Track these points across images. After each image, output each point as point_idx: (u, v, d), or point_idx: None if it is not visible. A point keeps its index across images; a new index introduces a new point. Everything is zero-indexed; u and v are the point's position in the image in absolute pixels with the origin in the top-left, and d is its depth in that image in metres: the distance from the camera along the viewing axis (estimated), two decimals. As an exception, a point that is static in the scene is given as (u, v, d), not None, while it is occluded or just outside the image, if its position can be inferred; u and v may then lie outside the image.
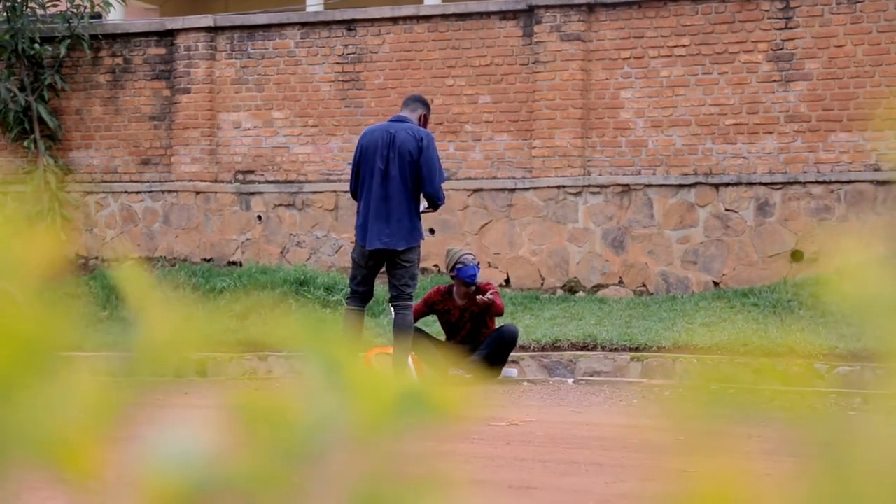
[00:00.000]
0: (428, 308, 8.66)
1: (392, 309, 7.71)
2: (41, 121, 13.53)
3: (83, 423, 0.61)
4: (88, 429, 0.61)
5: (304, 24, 12.94)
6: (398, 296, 7.60)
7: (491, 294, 8.41)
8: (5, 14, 13.47)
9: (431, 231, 12.24)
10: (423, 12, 12.50)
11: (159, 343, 0.65)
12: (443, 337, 8.85)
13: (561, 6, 11.85)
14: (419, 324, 8.65)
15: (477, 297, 8.45)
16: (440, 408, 0.63)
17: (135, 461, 0.64)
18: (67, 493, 0.63)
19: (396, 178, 7.60)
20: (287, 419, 0.63)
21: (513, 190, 12.08)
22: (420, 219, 7.72)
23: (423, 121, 7.89)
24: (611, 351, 9.19)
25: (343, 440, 0.64)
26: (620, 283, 11.72)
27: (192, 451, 0.62)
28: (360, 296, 7.74)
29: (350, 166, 8.52)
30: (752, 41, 11.33)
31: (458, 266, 8.60)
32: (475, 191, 12.21)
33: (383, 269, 7.81)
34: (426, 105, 7.95)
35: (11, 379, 0.62)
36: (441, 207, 7.97)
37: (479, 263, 8.60)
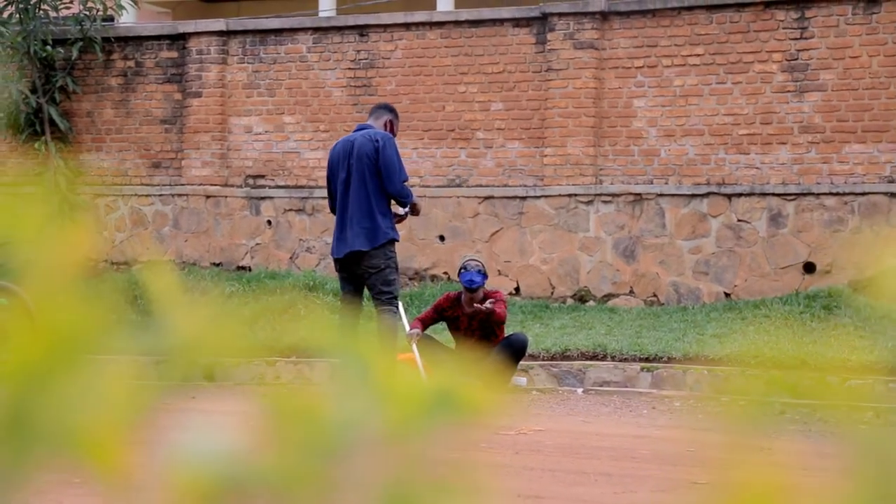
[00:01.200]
0: (438, 314, 8.66)
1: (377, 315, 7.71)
2: (52, 123, 13.59)
3: (112, 421, 0.62)
4: (117, 427, 0.62)
5: (316, 30, 12.98)
6: (377, 303, 7.64)
7: (491, 302, 8.40)
8: (18, 16, 13.54)
9: (441, 238, 12.26)
10: (435, 19, 12.53)
11: (190, 344, 0.67)
12: (452, 345, 8.86)
13: (574, 14, 11.86)
14: (429, 331, 8.66)
15: (475, 304, 8.45)
16: (470, 409, 0.65)
17: (163, 460, 0.65)
18: (97, 490, 0.65)
19: (356, 183, 7.65)
20: (317, 418, 0.64)
21: (524, 198, 12.09)
22: (388, 219, 7.66)
23: (390, 127, 7.91)
24: (621, 361, 9.18)
25: (372, 440, 0.65)
26: (631, 292, 11.71)
27: (221, 450, 0.64)
28: (349, 297, 7.75)
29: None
30: (767, 51, 11.33)
31: (461, 271, 8.64)
32: (486, 198, 12.22)
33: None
34: (392, 111, 7.99)
35: (44, 374, 0.63)
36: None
37: (482, 270, 8.58)
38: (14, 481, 0.62)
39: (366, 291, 7.77)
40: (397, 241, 7.74)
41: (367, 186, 7.62)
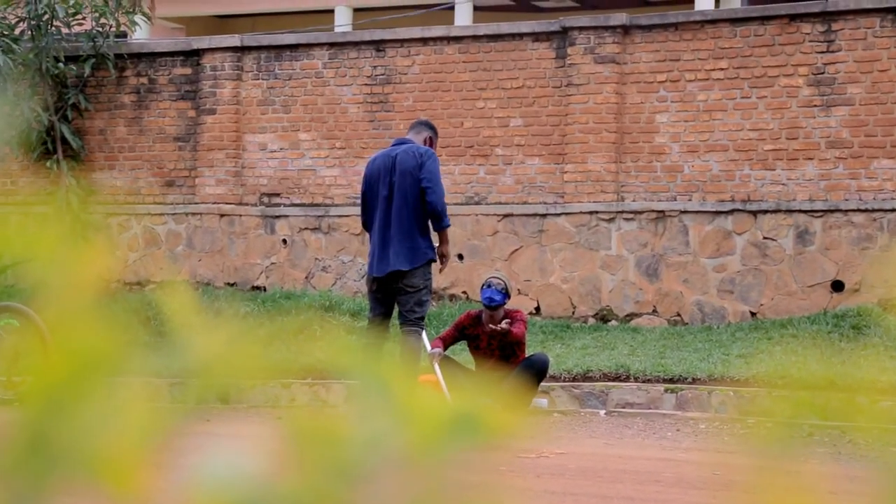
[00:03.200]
0: (459, 332, 8.66)
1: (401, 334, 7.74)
2: (64, 141, 13.68)
3: (129, 443, 0.63)
4: (135, 449, 0.63)
5: (332, 45, 13.04)
6: (403, 321, 7.67)
7: (507, 322, 8.39)
8: (29, 32, 13.66)
9: (460, 257, 12.26)
10: (453, 33, 12.57)
11: (209, 365, 0.67)
12: (472, 365, 8.85)
13: (595, 28, 11.88)
14: (448, 351, 8.65)
15: (490, 325, 8.44)
16: (491, 431, 0.65)
17: (182, 482, 0.66)
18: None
19: (399, 200, 7.69)
20: (337, 439, 0.65)
21: (544, 215, 12.08)
22: (427, 238, 7.72)
23: (430, 143, 7.96)
24: (644, 382, 9.15)
25: (393, 462, 0.65)
26: (654, 312, 11.67)
27: (241, 472, 0.64)
28: (378, 319, 7.81)
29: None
30: (793, 65, 11.31)
31: (483, 288, 8.65)
32: (505, 216, 12.22)
33: None
34: (433, 129, 8.05)
35: (59, 396, 0.64)
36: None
37: (505, 289, 8.57)
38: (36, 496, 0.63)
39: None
40: (434, 261, 7.77)
41: (409, 204, 7.65)
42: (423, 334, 8.04)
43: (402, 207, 7.66)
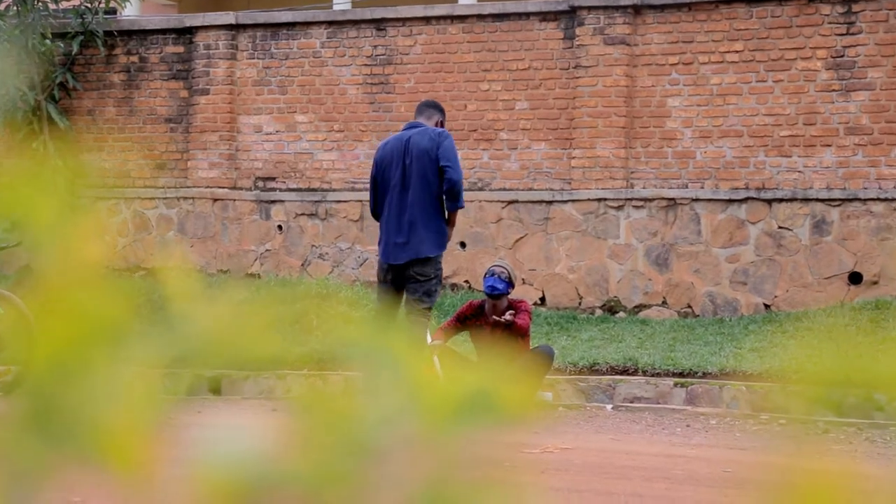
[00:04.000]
0: (460, 323, 8.67)
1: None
2: (51, 121, 13.68)
3: (134, 416, 0.64)
4: (139, 423, 0.64)
5: (330, 23, 13.02)
6: (410, 310, 7.70)
7: (511, 314, 8.40)
8: (15, 8, 13.64)
9: (462, 245, 12.26)
10: (457, 12, 12.55)
11: (210, 347, 0.68)
12: (474, 357, 8.86)
13: (605, 7, 11.86)
14: (450, 342, 8.66)
15: (493, 315, 8.46)
16: (503, 409, 0.66)
17: (188, 459, 0.67)
18: (117, 488, 0.66)
19: (415, 184, 7.72)
20: (349, 417, 0.66)
21: (550, 202, 12.08)
22: (446, 225, 7.78)
23: (440, 126, 7.97)
24: (653, 376, 9.16)
25: (406, 439, 0.67)
26: (664, 303, 11.68)
27: (249, 449, 0.65)
28: (386, 310, 7.85)
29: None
30: (811, 47, 11.29)
31: (485, 276, 8.67)
32: (510, 203, 12.22)
33: None
34: (441, 110, 8.10)
35: (50, 387, 0.64)
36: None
37: (508, 277, 8.59)
38: (33, 481, 0.64)
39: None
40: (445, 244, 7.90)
41: (428, 187, 7.66)
42: (428, 333, 8.08)
43: (422, 191, 7.67)
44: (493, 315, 8.56)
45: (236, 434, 0.67)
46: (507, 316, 8.39)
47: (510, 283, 8.63)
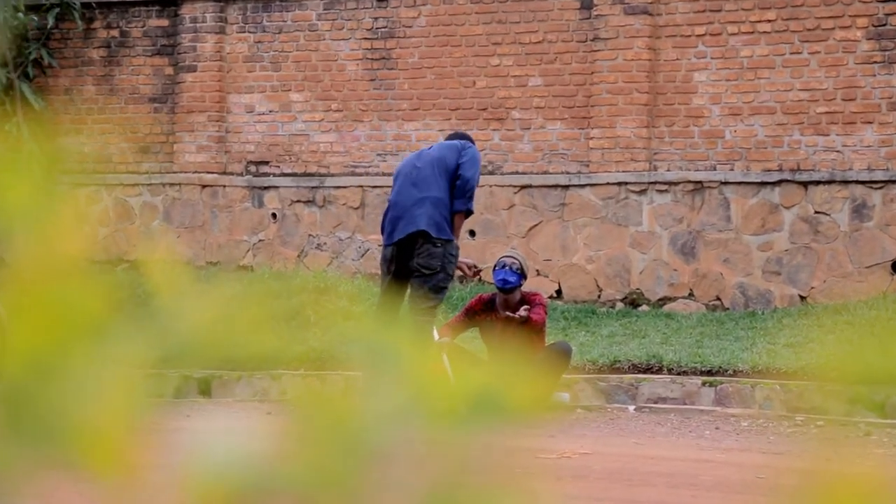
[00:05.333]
0: (469, 318, 8.68)
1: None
2: (25, 101, 13.70)
3: (115, 417, 0.64)
4: (120, 423, 0.64)
5: (327, -7, 13.02)
6: (414, 307, 7.78)
7: (526, 309, 8.40)
8: (-13, -21, 13.66)
9: (472, 233, 12.26)
10: (464, -20, 12.54)
11: (201, 332, 0.69)
12: (484, 355, 8.86)
13: (625, -26, 11.84)
14: (459, 339, 8.67)
15: (505, 311, 8.46)
16: (516, 410, 0.67)
17: (177, 462, 0.67)
18: (99, 490, 0.67)
19: (427, 168, 8.06)
20: (347, 417, 0.66)
21: (566, 187, 12.08)
22: (452, 221, 7.98)
23: None
24: (679, 374, 9.16)
25: (408, 441, 0.67)
26: (690, 295, 11.68)
27: (241, 451, 0.66)
28: (388, 306, 7.91)
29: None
30: (850, 16, 11.26)
31: (495, 269, 8.67)
32: (523, 187, 12.22)
33: None
34: (471, 141, 8.48)
35: (43, 365, 0.65)
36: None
37: (520, 269, 8.60)
38: (13, 481, 0.65)
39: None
40: (458, 249, 8.05)
41: (439, 174, 8.08)
42: (434, 331, 8.12)
43: (437, 178, 7.98)
44: (504, 310, 8.56)
45: (227, 436, 0.67)
46: (522, 312, 8.38)
47: (522, 275, 8.63)
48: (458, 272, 8.50)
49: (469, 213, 8.19)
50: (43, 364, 0.66)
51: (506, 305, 8.59)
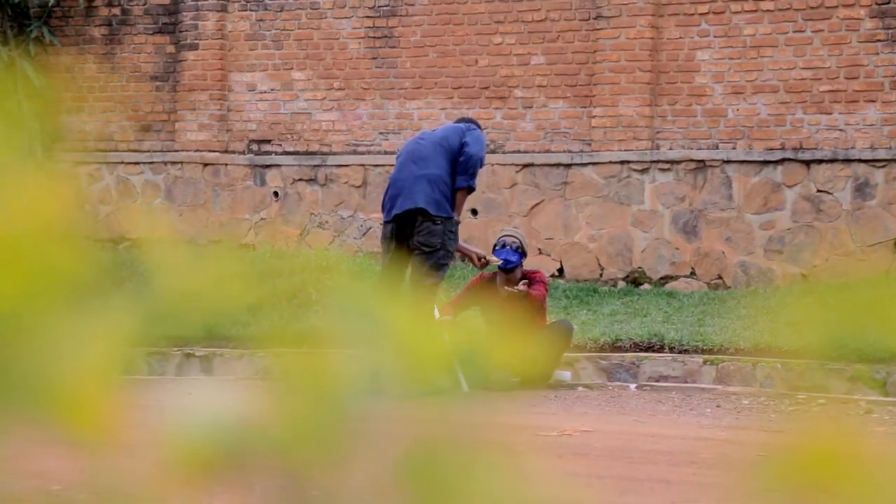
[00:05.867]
0: (470, 296, 8.69)
1: None
2: (26, 79, 13.67)
3: (95, 376, 0.64)
4: (101, 383, 0.64)
5: (329, -29, 12.98)
6: (415, 286, 7.81)
7: (524, 283, 8.43)
8: (-12, -43, 13.61)
9: (474, 212, 12.26)
10: (467, -43, 12.49)
11: (182, 288, 0.69)
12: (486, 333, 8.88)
13: (628, -49, 11.80)
14: (461, 318, 8.68)
15: (505, 286, 8.48)
16: (493, 367, 0.67)
17: (157, 424, 0.67)
18: (77, 450, 0.67)
19: (429, 147, 8.12)
20: (327, 378, 0.67)
21: (569, 165, 12.06)
22: (453, 198, 8.02)
23: None
24: (680, 353, 9.17)
25: (386, 401, 0.68)
26: (692, 274, 11.68)
27: (222, 414, 0.66)
28: (389, 280, 7.97)
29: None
30: (852, -7, 11.22)
31: (495, 248, 8.69)
32: (525, 166, 12.20)
33: None
34: (479, 127, 8.52)
35: (22, 318, 0.65)
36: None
37: (520, 247, 8.61)
38: None
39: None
40: (458, 225, 8.10)
41: (445, 157, 8.02)
42: (436, 311, 8.14)
43: (439, 157, 8.05)
44: (505, 287, 8.58)
45: (210, 400, 0.68)
46: (521, 286, 8.40)
47: (523, 253, 8.65)
48: (462, 255, 8.54)
49: (471, 189, 8.22)
50: (17, 323, 0.66)
51: (507, 283, 8.61)
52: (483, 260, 8.57)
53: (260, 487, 0.67)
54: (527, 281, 8.52)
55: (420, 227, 7.90)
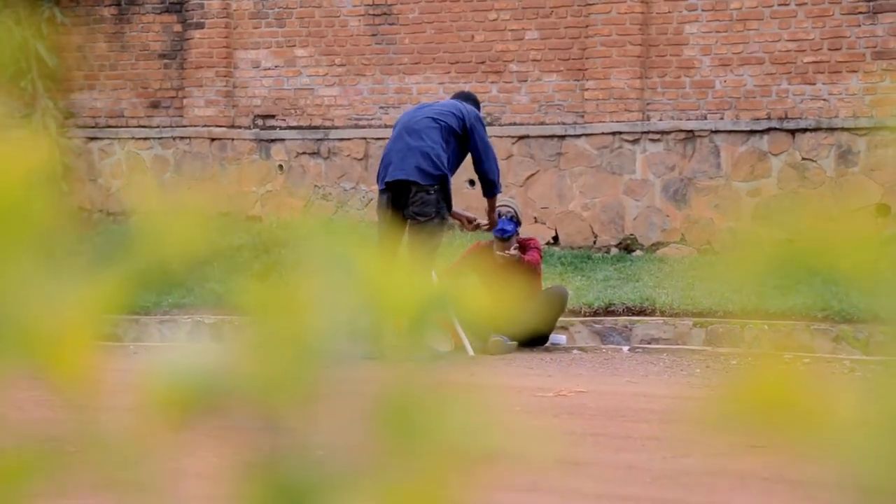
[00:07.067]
0: (467, 264, 8.69)
1: None
2: (39, 59, 13.62)
3: (73, 321, 0.64)
4: (78, 328, 0.64)
5: (329, -49, 12.91)
6: (412, 255, 7.81)
7: (515, 249, 8.45)
8: (-1, -60, 13.54)
9: (471, 182, 12.24)
10: (462, -64, 12.42)
11: (158, 238, 0.69)
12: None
13: (618, -71, 11.73)
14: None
15: (497, 252, 8.49)
16: (472, 314, 0.67)
17: (134, 368, 0.68)
18: (53, 393, 0.67)
19: (424, 121, 8.08)
20: (302, 321, 0.67)
21: (563, 137, 12.04)
22: (449, 168, 8.03)
23: None
24: (671, 316, 9.18)
25: (361, 345, 0.68)
26: (682, 240, 11.68)
27: (198, 358, 0.66)
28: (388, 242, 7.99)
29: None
30: (835, -32, 11.17)
31: None
32: (520, 138, 12.18)
33: None
34: (477, 104, 8.44)
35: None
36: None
37: (515, 216, 8.63)
38: None
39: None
40: (449, 209, 8.08)
41: (439, 133, 7.97)
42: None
43: (433, 131, 8.01)
44: (499, 252, 8.60)
45: (188, 348, 0.68)
46: (512, 251, 8.43)
47: (518, 222, 8.67)
48: (456, 222, 8.54)
49: (499, 191, 8.46)
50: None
51: (502, 251, 8.61)
52: (474, 223, 8.58)
53: (236, 430, 0.68)
54: (518, 246, 8.55)
55: (414, 197, 7.89)
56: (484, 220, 8.54)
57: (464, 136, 8.10)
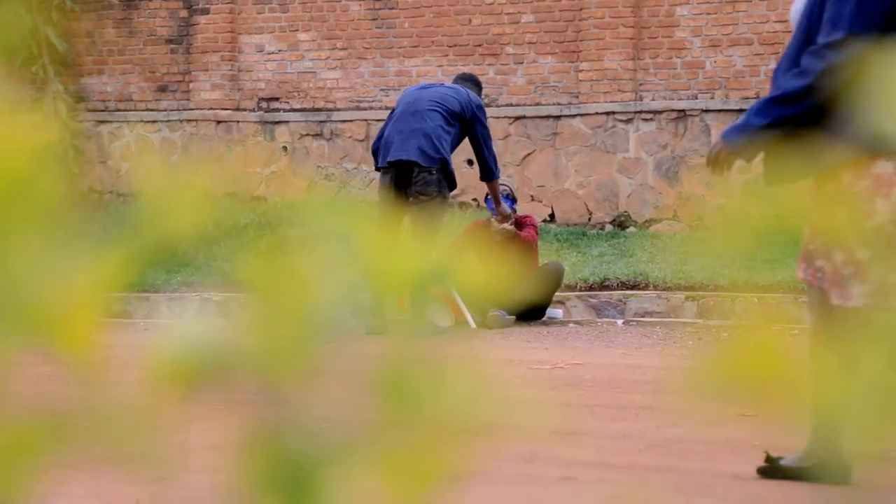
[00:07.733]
0: (466, 242, 8.69)
1: None
2: (49, 44, 13.58)
3: (82, 298, 0.64)
4: (87, 305, 0.64)
5: (330, -62, 12.85)
6: (414, 235, 7.78)
7: (510, 224, 8.46)
8: (9, -71, 13.46)
9: (470, 162, 12.22)
10: (459, -77, 12.37)
11: (164, 208, 0.69)
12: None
13: (611, -86, 11.68)
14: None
15: (495, 226, 8.51)
16: (465, 285, 0.67)
17: (144, 344, 0.67)
18: (63, 369, 0.67)
19: (425, 103, 8.04)
20: (305, 297, 0.66)
21: (558, 117, 12.02)
22: (449, 147, 8.00)
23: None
24: (664, 290, 9.19)
25: (364, 320, 0.68)
26: (675, 217, 11.67)
27: (204, 333, 0.66)
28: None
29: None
30: (822, -49, 11.13)
31: (487, 197, 8.72)
32: (517, 118, 12.16)
33: None
34: (479, 86, 8.40)
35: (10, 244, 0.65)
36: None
37: (511, 194, 8.65)
38: None
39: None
40: (452, 187, 8.03)
41: (440, 115, 7.94)
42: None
43: (434, 113, 7.97)
44: (494, 226, 8.61)
45: (191, 322, 0.68)
46: (507, 225, 8.45)
47: (514, 200, 8.70)
48: (457, 202, 8.55)
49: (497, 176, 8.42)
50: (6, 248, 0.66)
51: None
52: (512, 223, 8.74)
53: (241, 404, 0.68)
54: (514, 222, 8.58)
55: (416, 177, 7.86)
56: (499, 219, 8.61)
57: (464, 124, 8.06)
